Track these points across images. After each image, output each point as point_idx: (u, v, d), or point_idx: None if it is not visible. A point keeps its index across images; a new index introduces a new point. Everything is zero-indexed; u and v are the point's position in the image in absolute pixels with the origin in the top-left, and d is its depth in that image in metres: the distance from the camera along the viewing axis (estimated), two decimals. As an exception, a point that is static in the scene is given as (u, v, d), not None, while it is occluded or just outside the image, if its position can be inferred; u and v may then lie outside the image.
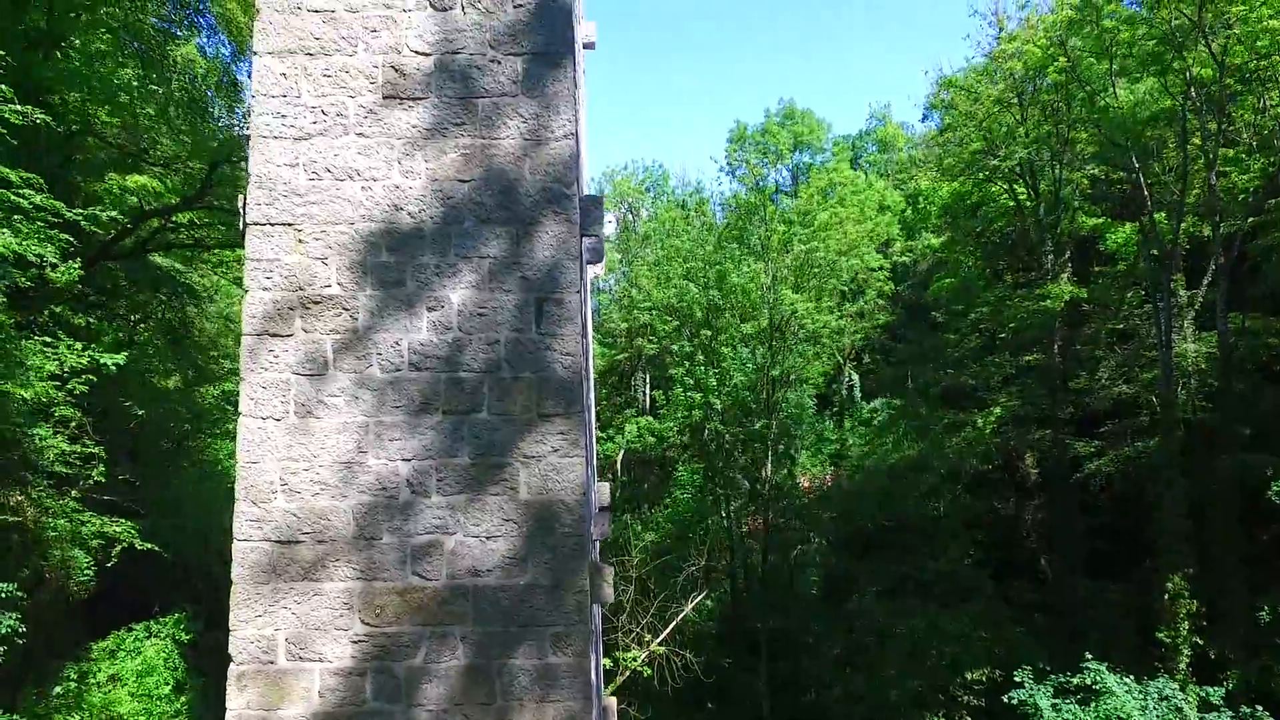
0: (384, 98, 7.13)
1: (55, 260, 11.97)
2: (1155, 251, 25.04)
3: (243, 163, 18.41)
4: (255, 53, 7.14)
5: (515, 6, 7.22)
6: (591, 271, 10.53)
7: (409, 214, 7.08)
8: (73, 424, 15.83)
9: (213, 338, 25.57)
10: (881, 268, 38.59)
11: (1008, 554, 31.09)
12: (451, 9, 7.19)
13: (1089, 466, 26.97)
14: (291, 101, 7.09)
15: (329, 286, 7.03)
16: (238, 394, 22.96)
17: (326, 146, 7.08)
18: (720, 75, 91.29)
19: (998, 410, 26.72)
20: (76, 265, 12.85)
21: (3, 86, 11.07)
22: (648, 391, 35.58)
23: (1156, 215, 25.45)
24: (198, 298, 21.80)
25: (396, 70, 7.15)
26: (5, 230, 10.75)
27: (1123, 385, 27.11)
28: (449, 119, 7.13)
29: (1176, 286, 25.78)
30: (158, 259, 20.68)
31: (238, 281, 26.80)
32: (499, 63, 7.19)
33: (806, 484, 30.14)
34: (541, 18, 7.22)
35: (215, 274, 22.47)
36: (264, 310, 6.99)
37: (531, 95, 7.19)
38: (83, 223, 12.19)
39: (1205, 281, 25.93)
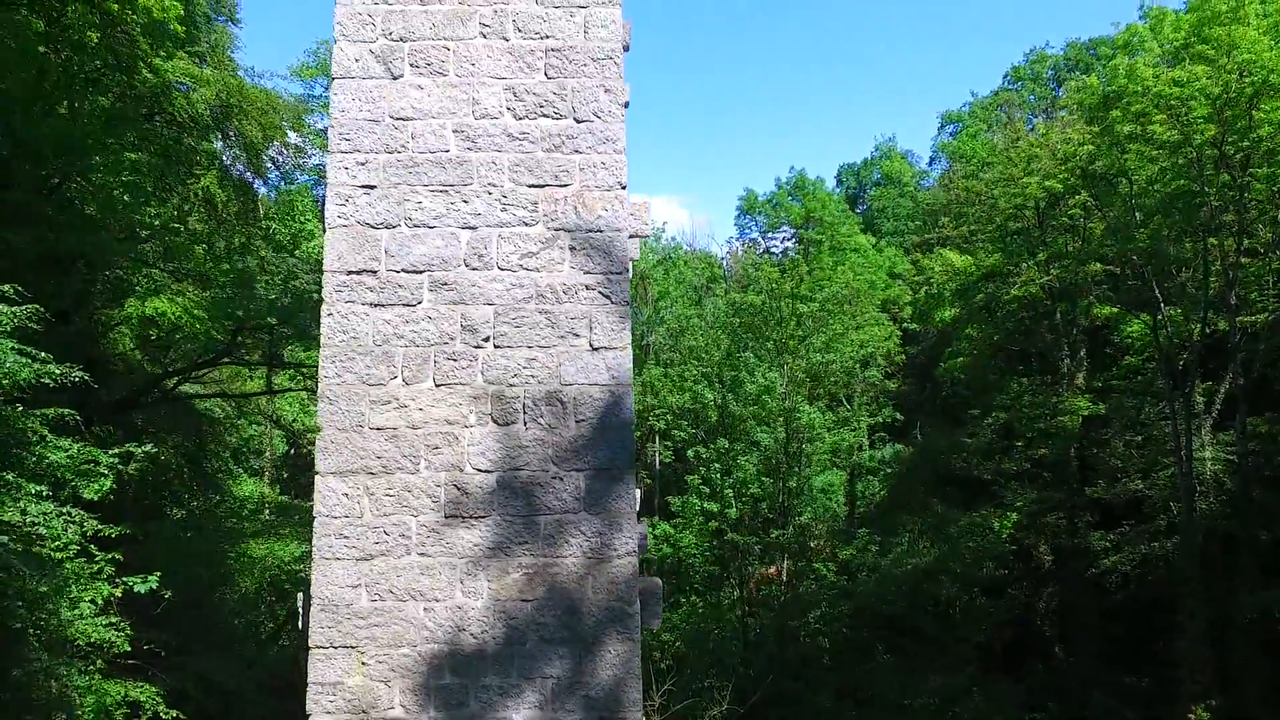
0: (446, 516, 7.09)
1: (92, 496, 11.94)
2: (1167, 350, 25.02)
3: (265, 330, 18.45)
4: (317, 472, 7.11)
5: (578, 422, 7.18)
6: None
7: (471, 635, 7.05)
8: (101, 597, 15.80)
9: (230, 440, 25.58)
10: (892, 335, 38.65)
11: (1021, 634, 31.13)
12: (513, 424, 7.16)
13: (1105, 562, 27.07)
14: (354, 522, 7.06)
15: (392, 709, 7.00)
16: (249, 503, 22.73)
17: (389, 567, 7.05)
18: (731, 108, 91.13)
19: (1014, 515, 26.73)
20: (108, 481, 12.78)
21: (50, 358, 10.99)
22: (658, 461, 35.50)
23: (1172, 313, 25.43)
24: (215, 423, 21.79)
25: (459, 489, 7.11)
26: (46, 504, 10.70)
27: (1139, 483, 27.18)
28: (511, 538, 7.10)
29: (1194, 394, 25.79)
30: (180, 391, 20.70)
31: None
32: (561, 479, 7.15)
33: (815, 545, 30.16)
34: (604, 433, 7.19)
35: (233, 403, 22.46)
36: (327, 736, 6.96)
37: (594, 512, 7.15)
38: (118, 464, 12.11)
39: (1222, 388, 25.94)
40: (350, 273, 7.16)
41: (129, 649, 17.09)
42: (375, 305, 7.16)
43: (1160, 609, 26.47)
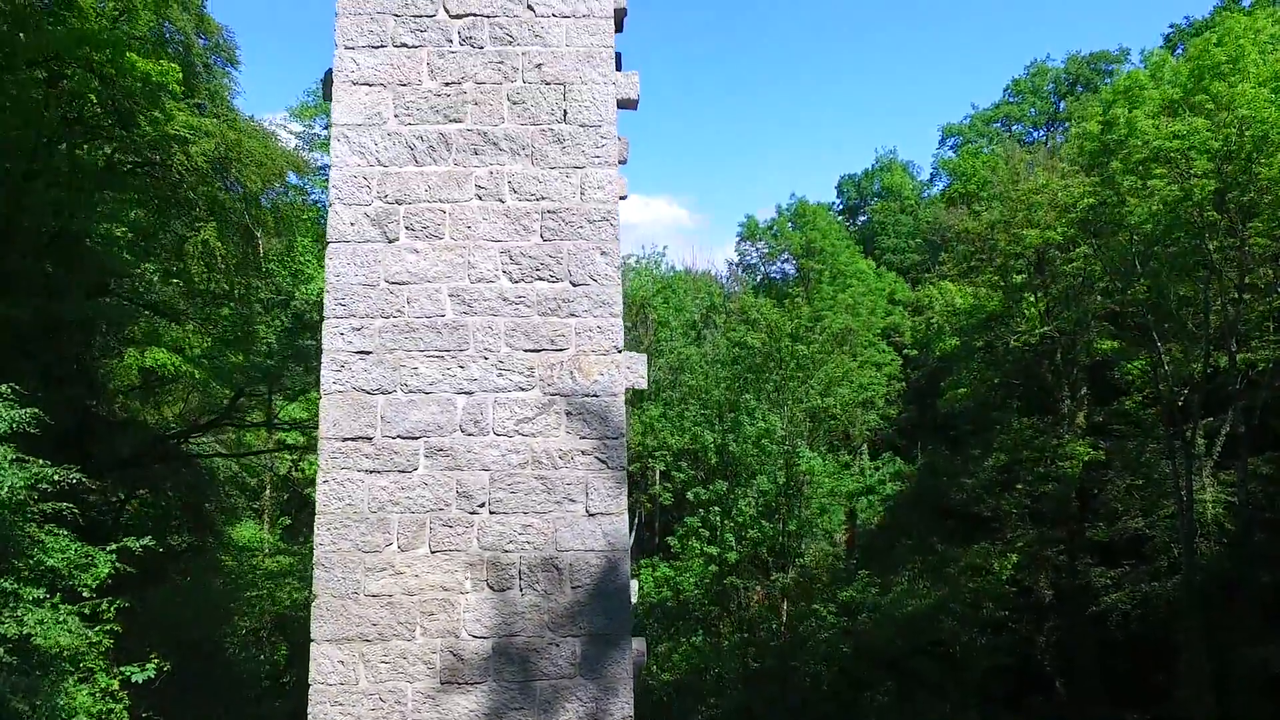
0: (442, 683, 7.08)
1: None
2: (1168, 397, 25.02)
3: (260, 390, 18.52)
4: (312, 639, 7.10)
5: (574, 588, 7.17)
6: None
7: (468, 803, 7.03)
8: (98, 679, 15.83)
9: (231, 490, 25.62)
10: (893, 361, 38.68)
11: (1022, 669, 31.11)
12: (509, 590, 7.15)
13: (1106, 599, 27.12)
14: (349, 690, 7.04)
15: None
16: (250, 546, 22.64)
17: (385, 734, 7.03)
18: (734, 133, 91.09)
19: (1014, 558, 26.74)
20: (106, 568, 12.79)
21: (47, 463, 11.04)
22: (657, 503, 35.48)
23: (1173, 351, 25.44)
24: (216, 479, 21.81)
25: (455, 655, 7.10)
26: (43, 610, 10.76)
27: (1139, 521, 27.24)
28: (507, 704, 7.09)
29: (1195, 436, 25.77)
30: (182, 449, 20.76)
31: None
32: (557, 646, 7.14)
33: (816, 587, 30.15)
34: (600, 599, 7.18)
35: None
36: None
37: (590, 678, 7.14)
38: (115, 560, 12.19)
39: (1223, 430, 25.92)
40: (345, 439, 7.15)
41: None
42: (370, 472, 7.15)
43: (1162, 646, 26.50)
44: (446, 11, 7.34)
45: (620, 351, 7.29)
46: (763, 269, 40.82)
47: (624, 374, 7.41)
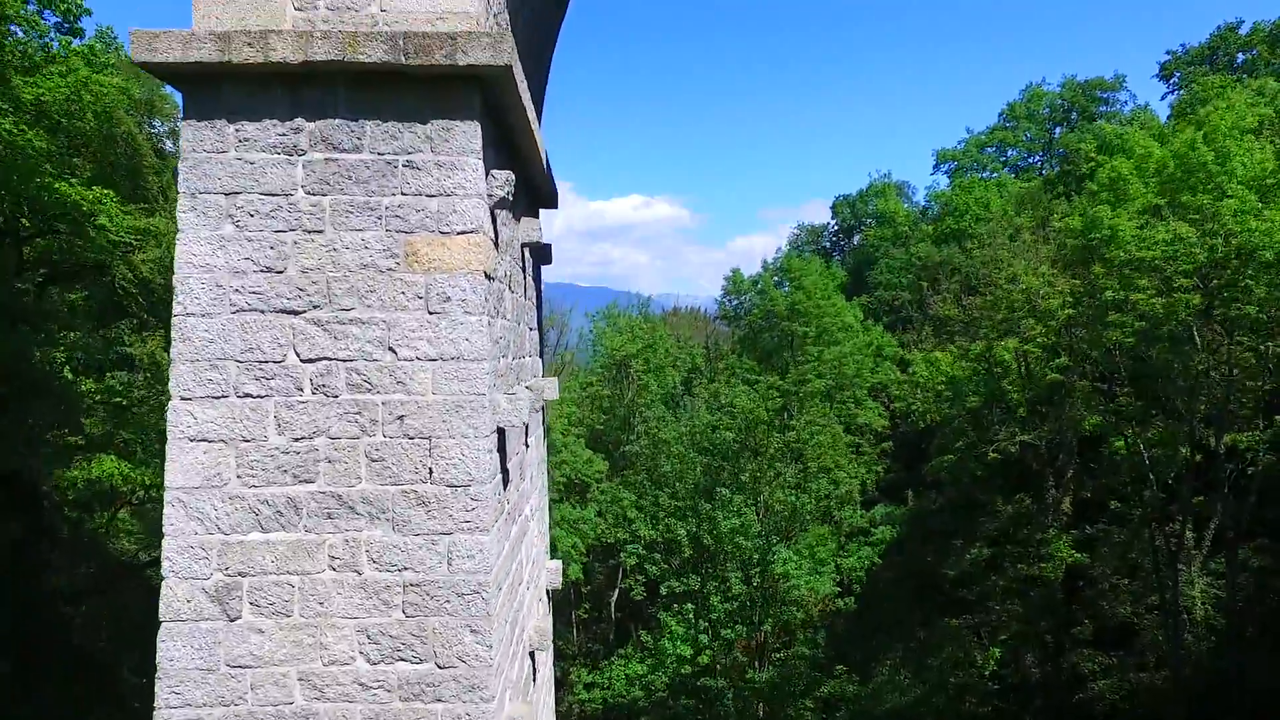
0: None
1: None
2: (1152, 504, 24.30)
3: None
4: None
5: None
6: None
7: None
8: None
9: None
10: (881, 415, 37.91)
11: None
12: None
13: (1094, 686, 26.53)
14: None
15: None
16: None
17: None
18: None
19: (998, 651, 26.02)
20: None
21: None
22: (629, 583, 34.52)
23: (1160, 434, 24.73)
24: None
25: None
26: None
27: (1127, 609, 26.59)
28: None
29: (1185, 530, 25.05)
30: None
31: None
32: None
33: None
34: None
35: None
36: None
37: None
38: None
39: (1211, 524, 25.20)
40: (181, 847, 6.36)
41: None
42: None
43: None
44: (297, 355, 6.53)
45: (492, 741, 6.50)
46: (748, 323, 40.04)
47: (501, 752, 6.64)
